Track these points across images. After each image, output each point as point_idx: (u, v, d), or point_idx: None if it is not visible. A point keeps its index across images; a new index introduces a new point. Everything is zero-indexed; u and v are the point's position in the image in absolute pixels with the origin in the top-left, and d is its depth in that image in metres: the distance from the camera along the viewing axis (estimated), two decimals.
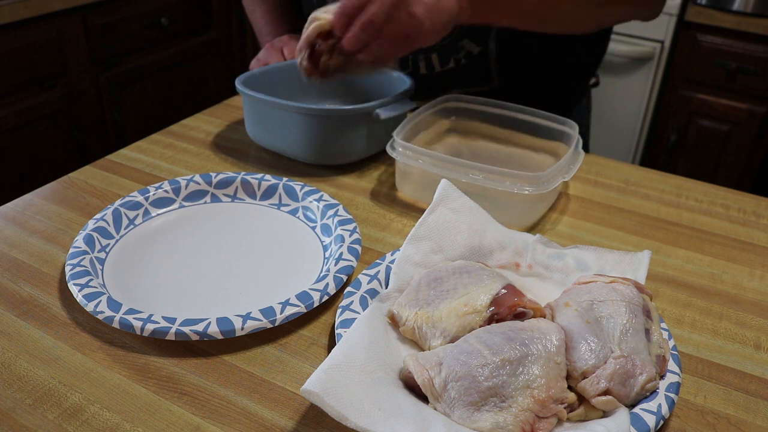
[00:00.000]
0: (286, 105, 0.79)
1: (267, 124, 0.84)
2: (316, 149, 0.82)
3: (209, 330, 0.54)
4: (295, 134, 0.81)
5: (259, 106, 0.83)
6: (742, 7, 1.84)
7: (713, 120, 2.00)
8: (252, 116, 0.86)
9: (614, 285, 0.54)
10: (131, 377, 0.52)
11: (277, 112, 0.81)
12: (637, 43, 2.04)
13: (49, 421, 0.48)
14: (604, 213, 0.77)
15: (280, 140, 0.84)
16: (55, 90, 1.76)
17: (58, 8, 1.69)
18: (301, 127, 0.81)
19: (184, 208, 0.74)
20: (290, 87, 0.92)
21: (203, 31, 2.20)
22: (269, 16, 1.07)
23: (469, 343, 0.48)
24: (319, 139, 0.81)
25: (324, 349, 0.56)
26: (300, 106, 0.79)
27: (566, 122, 0.80)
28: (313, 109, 0.79)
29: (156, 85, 2.07)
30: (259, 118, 0.84)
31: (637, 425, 0.46)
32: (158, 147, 0.88)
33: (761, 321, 0.61)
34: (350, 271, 0.62)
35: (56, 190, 0.78)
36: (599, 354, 0.48)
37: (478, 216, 0.63)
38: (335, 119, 0.80)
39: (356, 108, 0.79)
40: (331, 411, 0.43)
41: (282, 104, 0.79)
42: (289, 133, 0.82)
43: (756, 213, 0.78)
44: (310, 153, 0.83)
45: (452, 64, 0.92)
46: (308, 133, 0.81)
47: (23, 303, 0.60)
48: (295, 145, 0.83)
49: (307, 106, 0.79)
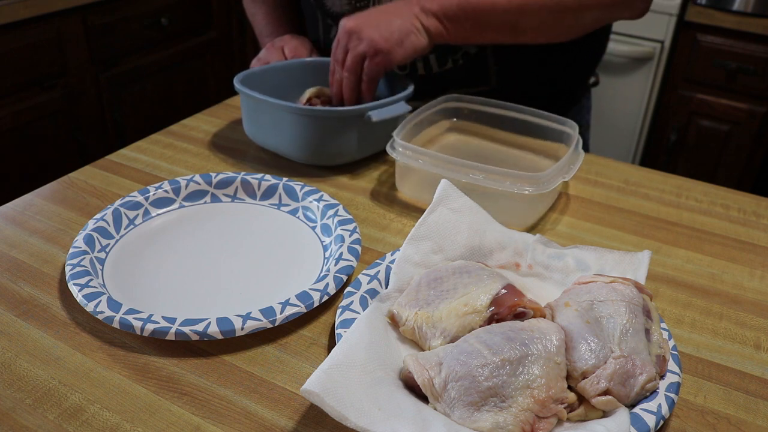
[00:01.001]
0: (281, 105, 0.79)
1: (263, 123, 0.84)
2: (310, 149, 0.82)
3: (209, 330, 0.54)
4: (289, 134, 0.82)
5: (255, 105, 0.83)
6: (742, 7, 1.84)
7: (713, 120, 2.00)
8: (249, 115, 0.86)
9: (614, 285, 0.54)
10: (131, 377, 0.52)
11: (273, 111, 0.81)
12: (637, 43, 2.04)
13: (49, 421, 0.48)
14: (604, 213, 0.77)
15: (274, 139, 0.84)
16: (55, 90, 1.76)
17: (58, 8, 1.69)
18: (295, 127, 0.81)
19: (184, 208, 0.74)
20: (290, 86, 0.92)
21: (203, 31, 2.20)
22: (269, 18, 1.08)
23: (469, 343, 0.48)
24: (313, 140, 0.81)
25: (324, 349, 0.56)
26: (294, 106, 0.79)
27: (566, 122, 0.80)
28: (307, 109, 0.80)
29: (156, 85, 2.07)
30: (256, 117, 0.85)
31: (637, 425, 0.46)
32: (158, 147, 0.88)
33: (761, 321, 0.61)
34: (350, 271, 0.62)
35: (56, 190, 0.78)
36: (599, 354, 0.48)
37: (478, 216, 0.63)
38: (329, 120, 0.80)
39: (350, 110, 0.80)
40: (331, 411, 0.43)
41: (277, 104, 0.80)
42: (284, 132, 0.82)
43: (756, 213, 0.78)
44: (304, 153, 0.83)
45: (450, 65, 0.93)
46: (302, 133, 0.81)
47: (23, 303, 0.60)
48: (289, 145, 0.83)
49: (300, 107, 0.80)
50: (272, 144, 0.85)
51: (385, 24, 0.80)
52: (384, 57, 0.80)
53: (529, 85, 0.96)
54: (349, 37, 0.80)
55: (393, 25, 0.80)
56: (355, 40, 0.80)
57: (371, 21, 0.80)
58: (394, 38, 0.79)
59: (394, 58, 0.80)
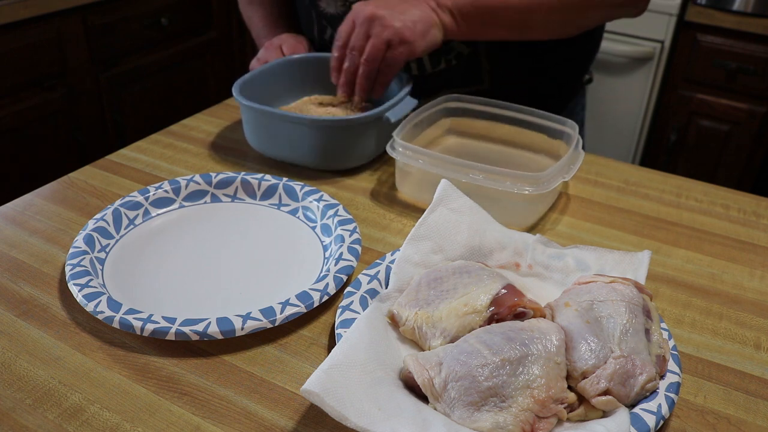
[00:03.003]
0: (298, 117, 0.77)
1: (271, 134, 0.81)
2: (326, 157, 0.81)
3: (209, 330, 0.54)
4: (308, 143, 0.80)
5: (262, 117, 0.81)
6: (742, 7, 1.84)
7: (713, 120, 2.00)
8: (255, 127, 0.83)
9: (614, 285, 0.54)
10: (131, 377, 0.52)
11: (284, 122, 0.79)
12: (637, 43, 2.04)
13: (49, 421, 0.48)
14: (604, 213, 0.77)
15: (289, 151, 0.82)
16: (55, 90, 1.76)
17: (58, 8, 1.69)
18: (312, 136, 0.79)
19: (184, 208, 0.74)
20: (288, 83, 0.91)
21: (203, 31, 2.20)
22: (266, 20, 1.08)
23: (469, 343, 0.48)
24: (328, 148, 0.80)
25: (324, 349, 0.56)
26: (314, 119, 0.77)
27: (566, 122, 0.80)
28: (327, 120, 0.78)
29: (156, 85, 2.07)
30: (263, 129, 0.82)
31: (637, 425, 0.46)
32: (158, 147, 0.88)
33: (761, 321, 0.61)
34: (350, 271, 0.62)
35: (56, 190, 0.78)
36: (599, 354, 0.48)
37: (478, 216, 0.63)
38: (349, 128, 0.79)
39: (366, 116, 0.78)
40: (331, 411, 0.43)
41: (294, 117, 0.78)
42: (300, 142, 0.80)
43: (756, 213, 0.78)
44: (323, 161, 0.81)
45: (443, 65, 0.93)
46: (320, 143, 0.79)
47: (23, 303, 0.60)
48: (306, 155, 0.81)
49: (319, 118, 0.78)
50: (287, 155, 0.82)
51: (409, 14, 0.77)
52: (408, 48, 0.77)
53: (522, 85, 0.96)
54: (370, 24, 0.76)
55: (415, 16, 0.77)
56: (378, 27, 0.76)
57: (393, 8, 0.77)
58: (418, 29, 0.77)
59: (416, 50, 0.77)
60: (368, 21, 0.77)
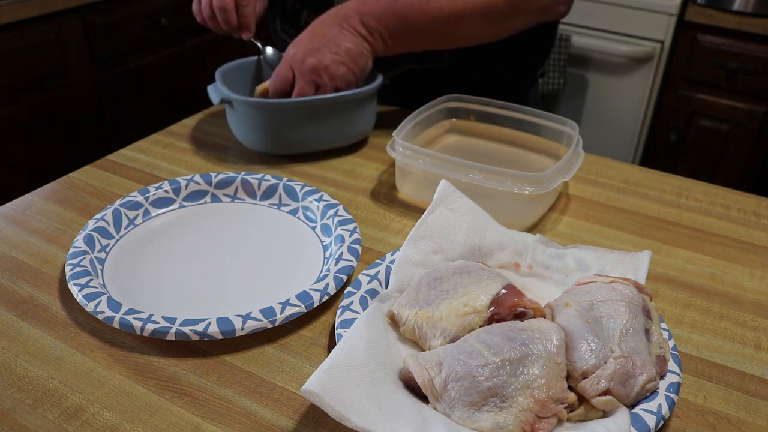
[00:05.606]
0: (249, 101, 0.82)
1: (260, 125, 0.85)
2: (276, 140, 0.84)
3: (209, 330, 0.54)
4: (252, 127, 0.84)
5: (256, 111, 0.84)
6: (742, 7, 1.84)
7: (713, 120, 2.00)
8: (245, 123, 0.86)
9: (614, 285, 0.54)
10: (131, 377, 0.52)
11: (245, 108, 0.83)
12: (637, 43, 2.04)
13: (49, 421, 0.48)
14: (604, 213, 0.77)
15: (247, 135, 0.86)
16: (55, 90, 1.76)
17: (58, 8, 1.69)
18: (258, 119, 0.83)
19: (184, 208, 0.74)
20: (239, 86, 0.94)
21: (203, 31, 2.20)
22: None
23: (469, 343, 0.48)
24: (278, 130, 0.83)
25: (324, 349, 0.56)
26: (259, 102, 0.82)
27: (566, 122, 0.80)
28: (270, 103, 0.82)
29: (156, 85, 2.07)
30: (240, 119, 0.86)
31: (637, 425, 0.46)
32: (158, 147, 0.88)
33: (761, 321, 0.61)
34: (350, 271, 0.62)
35: (56, 190, 0.78)
36: (599, 354, 0.48)
37: (477, 216, 0.63)
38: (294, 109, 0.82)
39: (327, 97, 0.82)
40: (331, 411, 0.43)
41: (246, 101, 0.82)
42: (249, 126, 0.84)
43: (756, 213, 0.78)
44: (268, 143, 0.85)
45: None
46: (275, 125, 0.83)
47: (23, 303, 0.60)
48: (251, 137, 0.85)
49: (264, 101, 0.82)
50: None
51: (344, 52, 0.82)
52: (347, 88, 0.84)
53: (479, 69, 0.99)
54: (318, 76, 0.82)
55: (352, 53, 0.82)
56: (326, 78, 0.82)
57: (328, 50, 0.82)
58: (359, 65, 0.83)
59: (353, 86, 0.85)
60: (314, 72, 0.82)
